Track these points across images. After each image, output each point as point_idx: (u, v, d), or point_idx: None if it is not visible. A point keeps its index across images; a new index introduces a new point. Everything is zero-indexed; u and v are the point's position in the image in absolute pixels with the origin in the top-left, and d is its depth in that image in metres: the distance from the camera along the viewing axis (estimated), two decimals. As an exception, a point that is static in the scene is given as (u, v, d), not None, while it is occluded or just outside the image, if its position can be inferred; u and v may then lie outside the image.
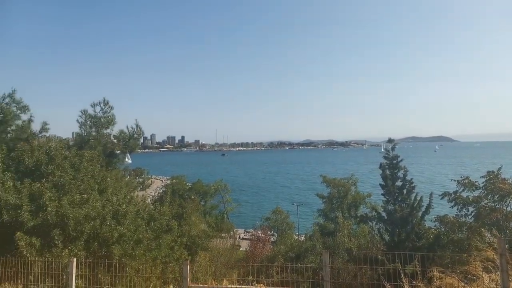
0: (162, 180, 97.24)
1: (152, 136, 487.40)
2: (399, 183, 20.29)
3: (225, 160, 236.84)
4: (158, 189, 72.63)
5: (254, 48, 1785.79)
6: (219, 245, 22.90)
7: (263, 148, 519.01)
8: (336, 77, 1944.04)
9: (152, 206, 14.39)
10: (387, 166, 20.63)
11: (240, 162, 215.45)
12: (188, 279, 5.21)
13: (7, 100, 15.58)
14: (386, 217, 20.37)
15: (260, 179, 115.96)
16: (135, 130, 18.42)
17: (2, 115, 15.01)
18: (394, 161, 20.48)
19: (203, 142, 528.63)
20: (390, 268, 11.63)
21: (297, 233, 39.40)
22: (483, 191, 15.75)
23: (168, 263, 11.10)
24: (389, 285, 5.95)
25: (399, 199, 19.97)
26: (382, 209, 21.28)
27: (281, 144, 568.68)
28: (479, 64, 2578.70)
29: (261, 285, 6.55)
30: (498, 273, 5.68)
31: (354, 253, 19.85)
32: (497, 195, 14.84)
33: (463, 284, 5.85)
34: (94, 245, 9.33)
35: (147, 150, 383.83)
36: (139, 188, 25.99)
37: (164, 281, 9.38)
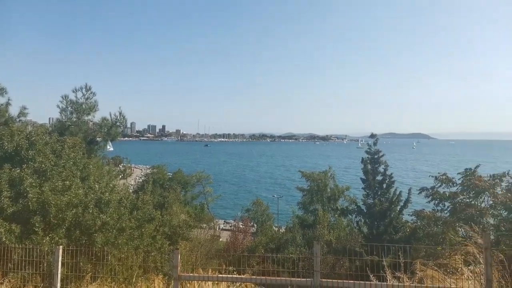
0: (141, 169, 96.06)
1: (132, 124, 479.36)
2: (379, 177, 20.77)
3: (208, 151, 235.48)
4: (137, 178, 71.78)
5: (238, 39, 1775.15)
6: (200, 235, 22.91)
7: (244, 140, 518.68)
8: (318, 71, 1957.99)
9: (134, 195, 14.26)
10: (368, 161, 21.06)
11: (222, 153, 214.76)
12: (179, 268, 5.20)
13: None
14: (365, 211, 20.86)
15: (240, 170, 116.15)
16: (118, 118, 18.12)
17: (-22, 97, 14.50)
18: (376, 156, 20.93)
19: (184, 132, 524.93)
20: (367, 260, 11.97)
21: (276, 225, 39.78)
22: (459, 187, 16.23)
23: (150, 253, 11.06)
24: (372, 276, 6.13)
25: (379, 193, 20.47)
26: (362, 203, 21.75)
27: (262, 136, 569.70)
28: (453, 65, 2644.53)
29: (247, 274, 6.65)
30: (478, 266, 5.95)
31: (333, 245, 20.28)
32: (473, 192, 15.32)
33: (444, 276, 6.08)
34: (75, 233, 9.18)
35: (126, 138, 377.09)
36: (120, 177, 25.65)
37: (145, 270, 9.36)
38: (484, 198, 15.11)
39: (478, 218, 14.17)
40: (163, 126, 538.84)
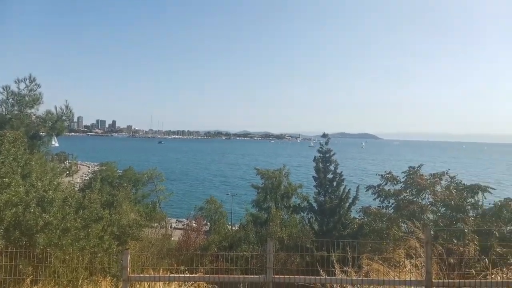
0: (89, 166, 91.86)
1: (79, 118, 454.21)
2: (330, 175, 21.48)
3: (162, 148, 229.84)
4: (84, 175, 68.51)
5: (195, 32, 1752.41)
6: (151, 234, 22.32)
7: (199, 137, 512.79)
8: (273, 71, 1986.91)
9: (80, 194, 13.59)
10: (320, 160, 21.71)
11: (176, 150, 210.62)
12: (128, 269, 5.03)
13: None
14: (316, 208, 21.49)
15: (193, 168, 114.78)
16: (64, 111, 17.14)
17: None
18: (327, 155, 21.62)
19: (136, 128, 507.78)
20: (317, 255, 12.37)
21: (229, 223, 39.79)
22: (403, 185, 17.21)
23: (97, 254, 10.62)
24: (322, 271, 6.35)
25: (330, 190, 21.18)
26: (313, 200, 22.37)
27: (218, 133, 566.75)
28: (399, 67, 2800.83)
29: (200, 273, 6.60)
30: (419, 259, 6.38)
31: (285, 242, 20.67)
32: (415, 189, 16.33)
33: (388, 269, 6.45)
34: (15, 233, 8.58)
35: (73, 133, 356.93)
36: (65, 174, 24.32)
37: (91, 272, 8.99)
38: (425, 196, 16.15)
39: (420, 214, 15.13)
40: (113, 121, 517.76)
